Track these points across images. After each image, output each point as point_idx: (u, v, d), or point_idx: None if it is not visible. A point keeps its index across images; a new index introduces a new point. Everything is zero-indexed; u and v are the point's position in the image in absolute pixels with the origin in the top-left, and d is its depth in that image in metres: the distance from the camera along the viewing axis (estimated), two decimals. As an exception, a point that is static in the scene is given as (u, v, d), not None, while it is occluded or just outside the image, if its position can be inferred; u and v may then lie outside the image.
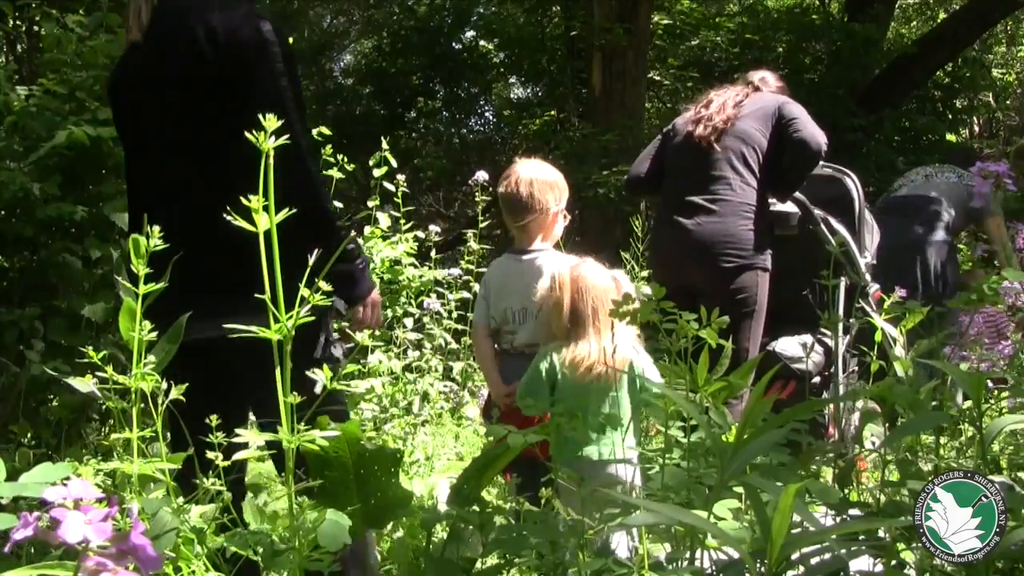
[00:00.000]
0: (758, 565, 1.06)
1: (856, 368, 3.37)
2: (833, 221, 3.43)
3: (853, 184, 3.63)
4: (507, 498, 1.97)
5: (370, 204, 4.67)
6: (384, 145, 4.63)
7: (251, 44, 1.89)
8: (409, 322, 4.52)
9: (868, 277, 3.41)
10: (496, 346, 2.76)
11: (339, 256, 1.73)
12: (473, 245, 4.60)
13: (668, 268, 3.26)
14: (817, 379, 3.52)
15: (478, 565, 1.56)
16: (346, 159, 4.53)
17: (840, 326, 3.11)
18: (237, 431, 1.49)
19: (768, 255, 3.22)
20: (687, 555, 1.35)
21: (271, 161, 1.25)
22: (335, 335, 2.10)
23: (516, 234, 2.82)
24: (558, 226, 2.83)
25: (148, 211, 1.86)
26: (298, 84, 1.95)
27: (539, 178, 2.78)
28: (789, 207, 3.38)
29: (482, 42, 12.07)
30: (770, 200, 3.35)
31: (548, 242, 2.81)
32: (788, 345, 3.48)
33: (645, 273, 4.36)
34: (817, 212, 3.41)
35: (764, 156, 3.26)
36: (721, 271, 3.13)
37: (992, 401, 1.58)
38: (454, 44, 12.11)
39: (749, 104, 3.33)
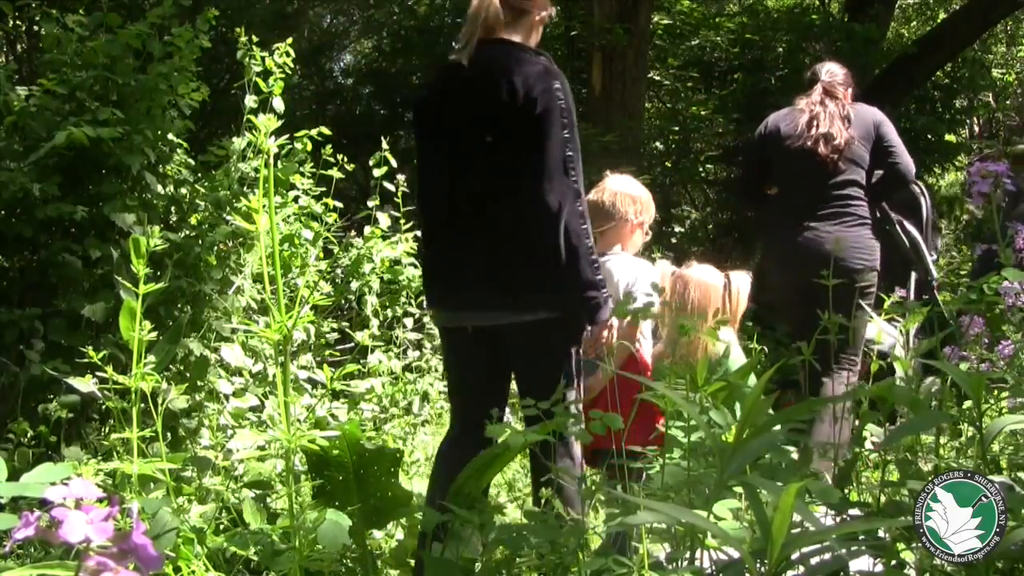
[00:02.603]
0: (758, 565, 1.06)
1: None
2: (907, 223, 3.99)
3: (922, 192, 4.20)
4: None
5: (370, 204, 4.67)
6: (384, 145, 4.63)
7: (540, 92, 2.35)
8: (409, 322, 4.52)
9: (935, 273, 4.00)
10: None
11: (591, 284, 2.39)
12: (473, 245, 4.58)
13: (793, 269, 3.69)
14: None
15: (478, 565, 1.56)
16: (346, 159, 4.53)
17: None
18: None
19: (879, 255, 3.73)
20: (687, 555, 1.35)
21: (271, 161, 1.25)
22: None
23: (597, 239, 3.05)
24: (636, 236, 3.10)
25: (434, 207, 2.53)
26: (573, 128, 2.39)
27: (623, 191, 3.07)
28: None
29: (482, 42, 12.05)
30: None
31: (626, 251, 3.07)
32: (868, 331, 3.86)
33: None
34: (893, 215, 3.97)
35: (868, 171, 3.79)
36: (852, 273, 3.60)
37: (992, 401, 1.58)
38: (454, 44, 12.09)
39: (853, 121, 3.78)
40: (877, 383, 1.58)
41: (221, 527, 2.37)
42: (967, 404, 1.39)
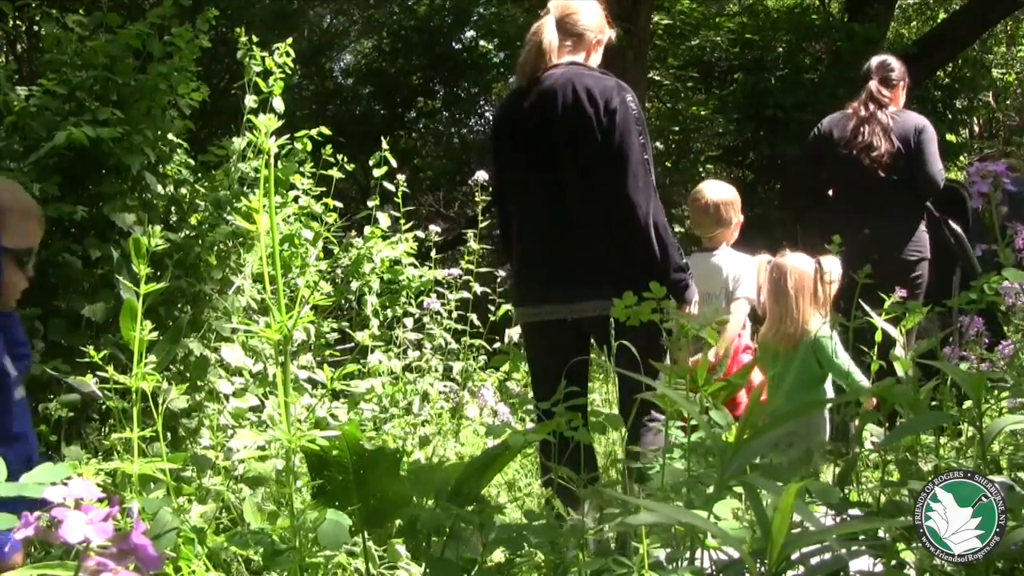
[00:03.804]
0: (758, 565, 1.06)
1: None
2: (951, 221, 4.34)
3: (967, 194, 4.56)
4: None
5: (370, 204, 4.67)
6: (384, 145, 4.63)
7: (617, 103, 2.66)
8: (409, 322, 4.52)
9: (979, 269, 4.29)
10: None
11: (680, 268, 2.69)
12: (473, 245, 4.60)
13: (852, 262, 4.02)
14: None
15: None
16: (346, 159, 4.53)
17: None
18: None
19: (928, 244, 4.10)
20: (687, 555, 1.35)
21: (271, 161, 1.25)
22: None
23: (705, 240, 3.57)
24: (735, 232, 3.59)
25: (525, 215, 2.83)
26: (646, 135, 2.72)
27: (725, 198, 3.54)
28: None
29: (482, 42, 12.06)
30: None
31: (727, 244, 3.56)
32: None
33: None
34: (937, 214, 4.30)
35: (911, 173, 4.08)
36: (907, 264, 4.00)
37: (992, 401, 1.58)
38: (454, 44, 12.10)
39: (895, 130, 4.06)
40: (877, 383, 1.58)
41: (221, 527, 2.37)
42: (967, 404, 1.39)
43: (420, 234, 4.76)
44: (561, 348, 2.73)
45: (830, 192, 4.25)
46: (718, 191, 3.56)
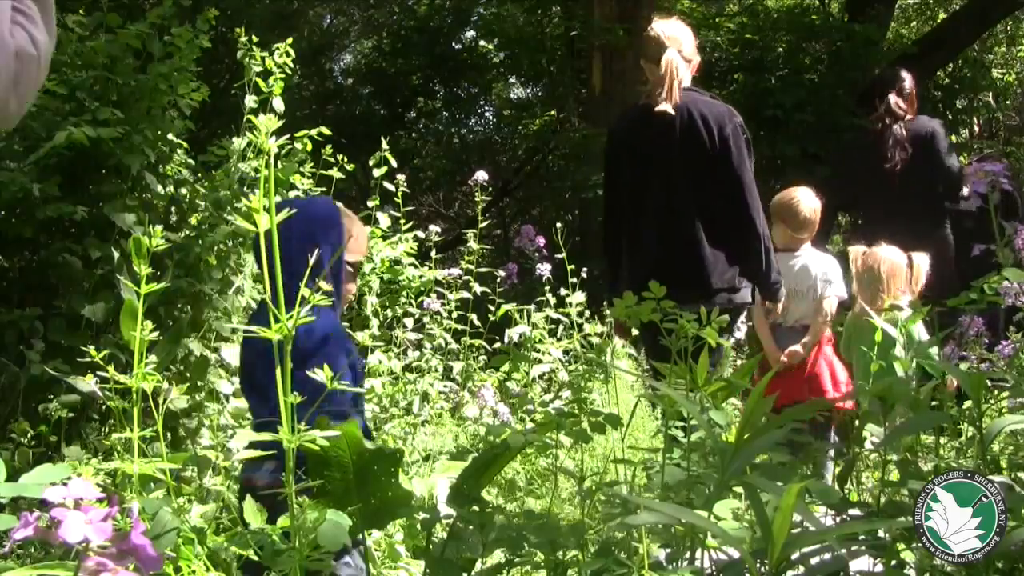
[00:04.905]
0: (758, 565, 1.06)
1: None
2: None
3: (1015, 190, 4.90)
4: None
5: (370, 204, 4.67)
6: (384, 145, 4.63)
7: (730, 131, 3.02)
8: (409, 322, 4.53)
9: None
10: (772, 322, 3.70)
11: (778, 272, 3.16)
12: (473, 245, 4.60)
13: None
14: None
15: (478, 566, 1.56)
16: (346, 159, 4.53)
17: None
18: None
19: (951, 251, 4.37)
20: (687, 555, 1.35)
21: (271, 161, 1.25)
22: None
23: (789, 241, 3.79)
24: None
25: (640, 223, 3.14)
26: (752, 154, 3.08)
27: (815, 205, 3.82)
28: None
29: (482, 42, 12.06)
30: None
31: (808, 244, 3.85)
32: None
33: None
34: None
35: (931, 179, 4.40)
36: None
37: (992, 401, 1.58)
38: (454, 44, 12.10)
39: (909, 139, 4.38)
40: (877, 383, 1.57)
41: (221, 527, 2.37)
42: (967, 404, 1.39)
43: (420, 234, 4.76)
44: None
45: (862, 202, 4.65)
46: (812, 199, 3.86)
